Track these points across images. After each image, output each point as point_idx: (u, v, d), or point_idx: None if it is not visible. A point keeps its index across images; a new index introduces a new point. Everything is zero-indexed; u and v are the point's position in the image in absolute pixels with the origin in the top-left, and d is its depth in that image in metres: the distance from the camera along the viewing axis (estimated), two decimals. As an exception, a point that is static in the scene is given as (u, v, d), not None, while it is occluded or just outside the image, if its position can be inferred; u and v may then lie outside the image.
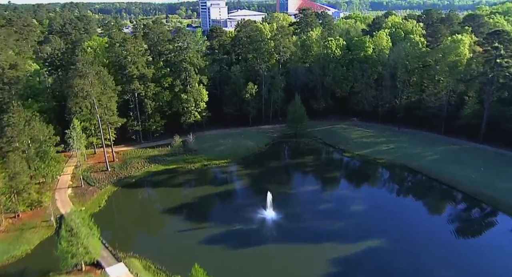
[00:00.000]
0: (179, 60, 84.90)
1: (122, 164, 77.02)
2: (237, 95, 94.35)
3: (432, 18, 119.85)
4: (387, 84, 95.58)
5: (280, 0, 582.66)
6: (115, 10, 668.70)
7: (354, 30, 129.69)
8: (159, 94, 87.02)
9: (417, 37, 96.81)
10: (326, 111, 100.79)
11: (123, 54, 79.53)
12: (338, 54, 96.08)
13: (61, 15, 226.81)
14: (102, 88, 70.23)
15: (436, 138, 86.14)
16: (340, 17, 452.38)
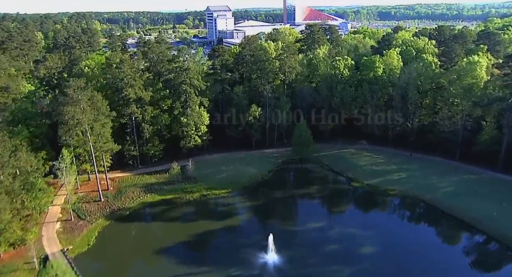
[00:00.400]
0: (179, 82, 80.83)
1: (116, 193, 72.67)
2: (240, 117, 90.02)
3: (444, 34, 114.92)
4: (398, 106, 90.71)
5: (288, 10, 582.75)
6: (123, 20, 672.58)
7: (362, 46, 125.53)
8: (157, 117, 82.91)
9: (430, 57, 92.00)
10: (333, 133, 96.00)
11: (120, 76, 75.68)
12: (346, 75, 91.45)
13: (66, 27, 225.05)
14: (95, 115, 66.17)
15: (450, 166, 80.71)
16: (347, 27, 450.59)
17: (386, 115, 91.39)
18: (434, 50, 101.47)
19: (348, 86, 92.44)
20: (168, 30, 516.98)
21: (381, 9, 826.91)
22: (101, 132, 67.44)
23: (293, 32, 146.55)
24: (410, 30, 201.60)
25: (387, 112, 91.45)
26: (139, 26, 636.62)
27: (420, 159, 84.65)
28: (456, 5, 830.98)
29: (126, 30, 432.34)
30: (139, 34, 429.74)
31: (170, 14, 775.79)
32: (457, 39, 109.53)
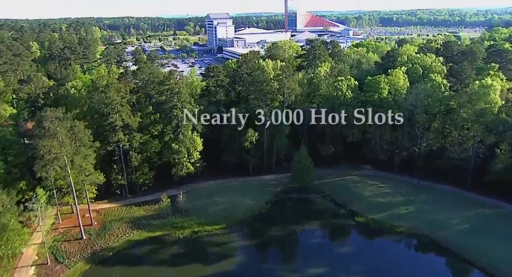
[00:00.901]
0: (169, 107, 75.37)
1: (100, 229, 67.03)
2: (236, 141, 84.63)
3: (452, 50, 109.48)
4: (404, 129, 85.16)
5: (289, 17, 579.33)
6: (123, 26, 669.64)
7: (366, 61, 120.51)
8: (147, 144, 77.48)
9: (438, 77, 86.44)
10: (335, 158, 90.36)
11: (106, 102, 70.25)
12: (349, 97, 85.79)
13: (63, 37, 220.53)
14: (76, 147, 60.71)
15: (462, 197, 74.88)
16: (349, 34, 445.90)
17: (392, 139, 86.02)
18: (442, 68, 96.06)
19: (351, 107, 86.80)
20: (169, 36, 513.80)
21: (383, 15, 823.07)
22: (83, 164, 61.88)
23: (294, 46, 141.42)
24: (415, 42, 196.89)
25: (393, 136, 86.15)
26: (139, 32, 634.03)
27: (428, 188, 78.84)
28: (458, 11, 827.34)
29: (126, 37, 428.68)
30: (138, 41, 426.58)
31: (171, 20, 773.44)
32: (465, 55, 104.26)
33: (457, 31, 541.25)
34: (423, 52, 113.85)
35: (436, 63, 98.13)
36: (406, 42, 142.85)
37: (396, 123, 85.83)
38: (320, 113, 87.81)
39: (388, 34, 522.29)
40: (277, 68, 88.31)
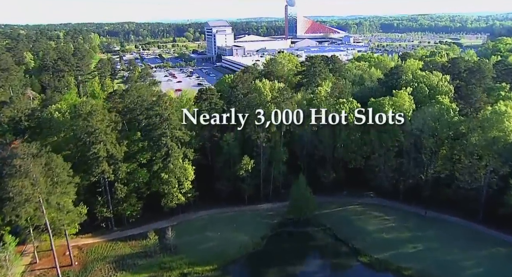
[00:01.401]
0: (158, 134, 70.04)
1: (80, 271, 61.44)
2: (231, 168, 79.33)
3: (459, 67, 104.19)
4: (410, 155, 79.90)
5: (289, 23, 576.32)
6: (123, 32, 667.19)
7: (368, 77, 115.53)
8: (134, 173, 72.25)
9: (446, 99, 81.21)
10: (336, 184, 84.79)
11: (88, 131, 64.93)
12: (351, 120, 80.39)
13: (58, 47, 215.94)
14: (52, 184, 55.34)
15: (474, 232, 69.32)
16: (350, 41, 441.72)
17: (397, 165, 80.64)
18: (449, 88, 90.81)
19: (354, 131, 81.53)
20: (168, 43, 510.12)
21: (383, 21, 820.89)
22: (61, 203, 56.49)
23: (293, 59, 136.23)
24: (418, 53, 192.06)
25: (398, 162, 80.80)
26: (139, 38, 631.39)
27: (436, 221, 73.25)
28: (459, 17, 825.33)
29: (124, 44, 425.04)
30: (137, 48, 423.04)
31: (171, 26, 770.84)
32: (473, 74, 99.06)
33: (458, 38, 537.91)
34: (428, 68, 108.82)
35: (443, 82, 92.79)
36: (410, 56, 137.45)
37: (401, 148, 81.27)
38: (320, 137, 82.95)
39: (389, 40, 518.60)
40: (275, 89, 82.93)
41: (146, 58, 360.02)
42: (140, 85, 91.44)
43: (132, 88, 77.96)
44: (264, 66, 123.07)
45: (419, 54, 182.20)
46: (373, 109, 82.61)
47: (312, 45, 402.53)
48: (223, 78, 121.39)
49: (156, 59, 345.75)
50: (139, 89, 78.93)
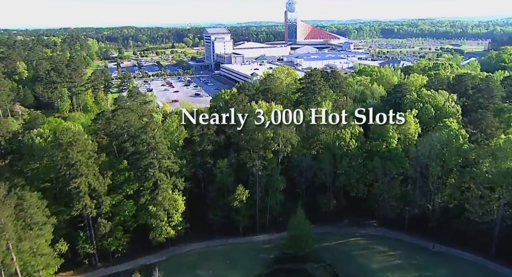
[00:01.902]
0: (145, 165, 64.94)
1: (58, 318, 56.32)
2: (225, 197, 74.22)
3: (465, 85, 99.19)
4: (416, 184, 74.80)
5: (289, 29, 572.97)
6: (122, 38, 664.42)
7: (370, 93, 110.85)
8: (120, 205, 67.14)
9: (454, 123, 76.28)
10: (337, 212, 79.82)
11: (68, 163, 59.86)
12: (353, 147, 75.36)
13: (51, 57, 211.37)
14: (24, 227, 50.24)
15: (487, 270, 64.10)
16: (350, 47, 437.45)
17: (401, 194, 75.55)
18: (456, 108, 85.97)
19: (356, 158, 76.45)
20: (167, 49, 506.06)
21: (383, 26, 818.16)
22: (34, 248, 51.37)
23: (292, 73, 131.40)
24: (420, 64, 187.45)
25: (403, 190, 75.76)
26: (138, 44, 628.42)
27: (445, 257, 68.06)
28: (459, 22, 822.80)
29: (122, 51, 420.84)
30: (135, 55, 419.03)
31: (170, 31, 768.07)
32: (481, 92, 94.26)
33: (459, 44, 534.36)
34: (433, 84, 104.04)
35: (450, 102, 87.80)
36: (413, 70, 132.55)
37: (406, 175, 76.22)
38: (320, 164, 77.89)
39: (390, 46, 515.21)
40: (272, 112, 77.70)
41: (144, 65, 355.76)
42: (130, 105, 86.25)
43: (118, 113, 72.66)
44: (261, 82, 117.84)
45: (421, 65, 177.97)
46: (377, 134, 78.20)
47: (312, 51, 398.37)
48: (219, 94, 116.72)
49: (154, 67, 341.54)
50: (126, 113, 73.63)
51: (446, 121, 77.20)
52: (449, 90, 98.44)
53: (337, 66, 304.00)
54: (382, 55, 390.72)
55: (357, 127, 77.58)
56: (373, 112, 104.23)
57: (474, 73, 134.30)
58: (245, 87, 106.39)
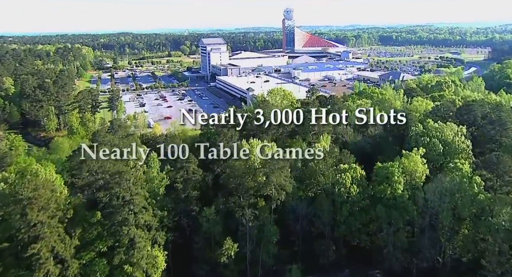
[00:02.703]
0: (119, 221, 57.16)
1: None
2: (212, 250, 66.47)
3: (475, 114, 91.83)
4: (424, 234, 67.24)
5: (287, 37, 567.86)
6: (118, 45, 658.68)
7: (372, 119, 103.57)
8: (91, 265, 59.13)
9: (466, 165, 68.93)
10: (337, 261, 72.07)
11: (28, 224, 52.02)
12: (354, 193, 67.69)
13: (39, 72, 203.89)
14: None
15: None
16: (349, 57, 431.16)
17: (409, 245, 67.93)
18: (466, 144, 78.76)
19: (357, 205, 68.76)
20: (163, 58, 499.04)
21: (382, 33, 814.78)
22: None
23: (288, 96, 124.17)
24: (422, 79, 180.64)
25: (409, 240, 68.21)
26: (134, 51, 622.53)
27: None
28: (458, 29, 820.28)
29: (117, 61, 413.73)
30: (130, 65, 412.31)
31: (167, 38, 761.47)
32: (493, 124, 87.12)
33: (458, 52, 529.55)
34: (439, 112, 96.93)
35: (459, 136, 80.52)
36: (416, 92, 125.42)
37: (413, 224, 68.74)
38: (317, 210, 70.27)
39: (389, 55, 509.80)
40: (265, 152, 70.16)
41: (138, 76, 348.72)
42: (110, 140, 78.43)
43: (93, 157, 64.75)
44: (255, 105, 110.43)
45: (423, 82, 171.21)
46: (380, 177, 70.68)
47: (310, 61, 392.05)
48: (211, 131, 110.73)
49: (148, 78, 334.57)
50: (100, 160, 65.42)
51: (457, 163, 69.84)
52: (456, 119, 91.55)
53: (336, 78, 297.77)
54: (381, 65, 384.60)
55: (359, 170, 69.95)
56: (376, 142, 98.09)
57: (480, 95, 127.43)
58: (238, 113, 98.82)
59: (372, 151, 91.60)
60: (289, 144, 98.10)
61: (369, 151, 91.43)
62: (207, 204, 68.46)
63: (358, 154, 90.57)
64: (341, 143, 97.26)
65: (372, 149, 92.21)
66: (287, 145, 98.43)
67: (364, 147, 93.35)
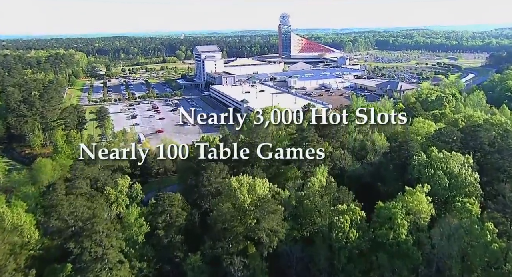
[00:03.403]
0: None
1: None
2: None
3: (481, 141, 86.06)
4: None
5: (283, 42, 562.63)
6: (113, 50, 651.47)
7: (371, 144, 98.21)
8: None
9: (475, 205, 63.26)
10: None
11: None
12: (353, 238, 61.54)
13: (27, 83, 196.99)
14: None
15: None
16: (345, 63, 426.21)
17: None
18: (474, 177, 73.06)
19: (357, 251, 62.65)
20: (158, 64, 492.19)
21: (378, 37, 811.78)
22: None
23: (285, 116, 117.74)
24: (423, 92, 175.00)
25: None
26: (129, 56, 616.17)
27: None
28: (454, 33, 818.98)
29: (110, 68, 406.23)
30: (124, 72, 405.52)
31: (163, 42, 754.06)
32: (501, 153, 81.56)
33: (455, 57, 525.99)
34: (443, 137, 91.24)
35: (466, 168, 74.75)
36: (417, 112, 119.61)
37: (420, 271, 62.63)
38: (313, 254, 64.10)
39: (386, 61, 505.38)
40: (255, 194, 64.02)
41: (132, 83, 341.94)
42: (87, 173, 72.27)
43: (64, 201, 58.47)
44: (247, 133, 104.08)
45: (423, 96, 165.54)
46: (382, 218, 64.62)
47: (306, 68, 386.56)
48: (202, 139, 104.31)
49: (142, 86, 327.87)
50: (74, 201, 59.24)
51: (466, 203, 64.03)
52: (461, 146, 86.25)
53: (332, 86, 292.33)
54: (379, 72, 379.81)
55: (358, 211, 63.84)
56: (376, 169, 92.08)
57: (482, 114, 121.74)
58: (228, 140, 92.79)
59: (371, 180, 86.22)
60: (284, 171, 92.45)
61: (368, 180, 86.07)
62: (193, 248, 62.31)
63: (357, 183, 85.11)
64: (339, 168, 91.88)
65: (372, 178, 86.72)
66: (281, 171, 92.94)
67: (363, 175, 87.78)
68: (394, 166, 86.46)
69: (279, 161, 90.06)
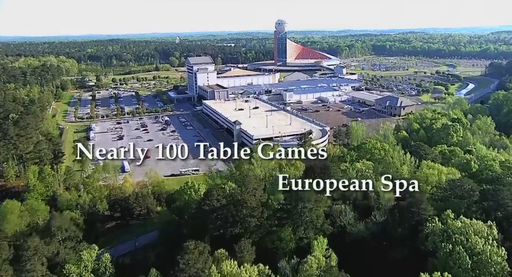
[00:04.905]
0: None
1: None
2: None
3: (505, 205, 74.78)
4: None
5: (279, 48, 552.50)
6: (105, 56, 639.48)
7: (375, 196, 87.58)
8: None
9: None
10: None
11: None
12: None
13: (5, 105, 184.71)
14: None
15: None
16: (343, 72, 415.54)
17: None
18: (502, 256, 62.06)
19: None
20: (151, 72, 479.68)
21: (375, 42, 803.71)
22: None
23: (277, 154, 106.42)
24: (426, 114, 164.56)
25: None
26: (122, 63, 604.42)
27: None
28: (451, 38, 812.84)
29: (101, 78, 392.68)
30: (114, 82, 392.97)
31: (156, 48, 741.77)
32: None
33: (454, 64, 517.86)
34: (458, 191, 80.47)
35: (491, 242, 63.70)
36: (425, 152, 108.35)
37: None
38: None
39: (383, 68, 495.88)
40: None
41: (121, 96, 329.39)
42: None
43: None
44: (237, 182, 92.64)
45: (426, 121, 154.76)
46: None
47: (302, 78, 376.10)
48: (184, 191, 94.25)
49: (132, 99, 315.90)
50: None
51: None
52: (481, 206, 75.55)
53: (330, 99, 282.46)
54: (376, 82, 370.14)
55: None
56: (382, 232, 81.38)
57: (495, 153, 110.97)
58: (214, 196, 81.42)
59: (377, 245, 75.32)
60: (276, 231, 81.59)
61: (372, 245, 75.15)
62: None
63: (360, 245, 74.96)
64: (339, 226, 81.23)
65: (377, 242, 75.93)
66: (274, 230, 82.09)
67: (367, 239, 76.94)
68: (403, 229, 75.55)
69: (272, 220, 79.77)
